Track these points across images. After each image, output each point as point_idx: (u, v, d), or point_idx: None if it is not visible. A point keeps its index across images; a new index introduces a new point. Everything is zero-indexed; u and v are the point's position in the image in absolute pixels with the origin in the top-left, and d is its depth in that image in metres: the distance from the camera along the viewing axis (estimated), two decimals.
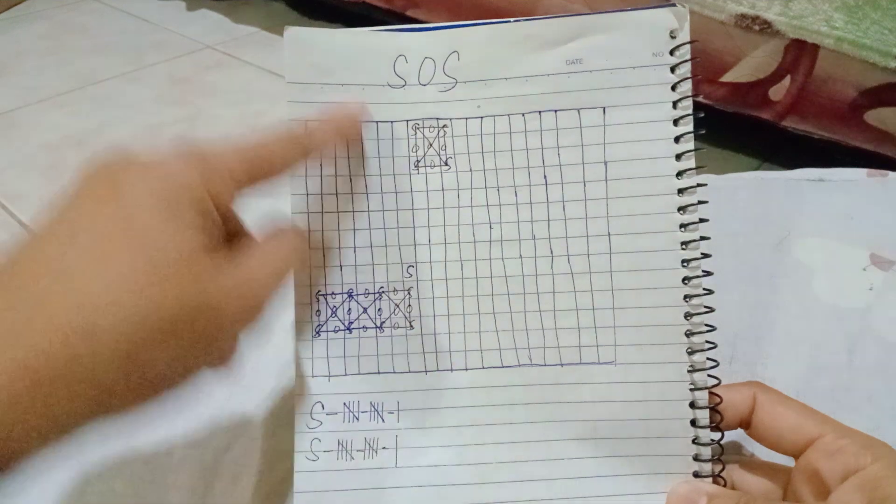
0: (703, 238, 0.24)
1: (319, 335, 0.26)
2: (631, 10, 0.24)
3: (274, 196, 0.24)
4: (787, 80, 0.59)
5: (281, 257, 0.23)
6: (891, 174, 0.38)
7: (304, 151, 0.24)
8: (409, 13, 0.84)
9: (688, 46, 0.24)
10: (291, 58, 0.25)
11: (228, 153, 0.22)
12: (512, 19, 0.25)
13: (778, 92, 0.60)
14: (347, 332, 0.26)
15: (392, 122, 0.26)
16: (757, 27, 0.57)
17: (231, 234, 0.22)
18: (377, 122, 0.26)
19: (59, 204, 0.20)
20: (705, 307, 0.24)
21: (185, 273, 0.19)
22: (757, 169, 0.68)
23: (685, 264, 0.24)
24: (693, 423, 0.24)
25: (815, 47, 0.56)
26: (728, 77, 0.62)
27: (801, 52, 0.57)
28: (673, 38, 0.24)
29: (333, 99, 0.25)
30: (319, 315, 0.26)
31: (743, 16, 0.57)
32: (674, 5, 0.24)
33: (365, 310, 0.26)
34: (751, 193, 0.38)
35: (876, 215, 0.35)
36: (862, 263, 0.33)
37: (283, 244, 0.23)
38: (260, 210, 0.25)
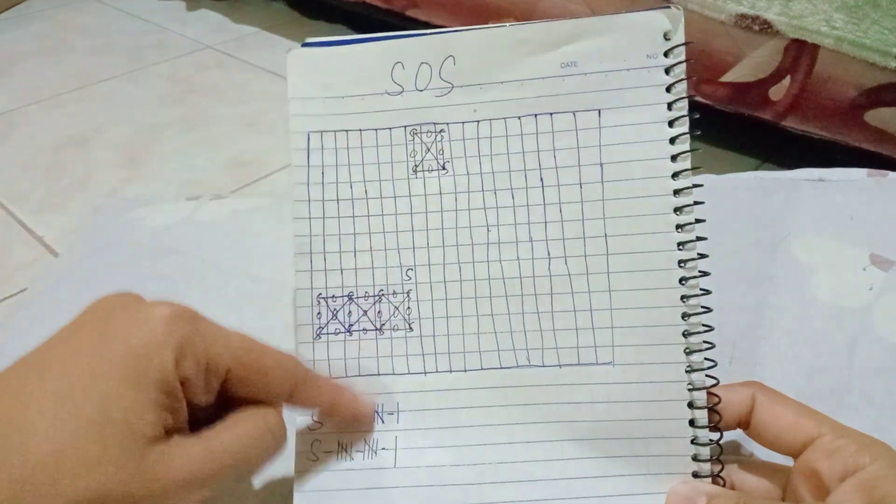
0: (699, 238, 0.24)
1: (320, 337, 0.26)
2: (625, 12, 0.24)
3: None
4: (787, 80, 0.59)
5: (248, 440, 0.21)
6: (891, 174, 0.38)
7: (290, 393, 0.23)
8: (409, 13, 0.84)
9: (682, 48, 0.24)
10: (294, 76, 0.26)
11: (220, 346, 0.21)
12: (507, 24, 0.25)
13: (778, 92, 0.60)
14: (348, 334, 0.26)
15: (390, 128, 0.26)
16: (757, 27, 0.57)
17: (201, 413, 0.21)
18: (376, 129, 0.26)
19: (54, 336, 0.20)
20: (702, 307, 0.24)
21: (134, 459, 0.18)
22: (757, 169, 0.68)
23: (682, 265, 0.24)
24: (692, 423, 0.24)
25: (815, 47, 0.56)
26: (728, 77, 0.62)
27: (801, 52, 0.57)
28: (667, 39, 0.24)
29: (334, 111, 0.26)
30: (320, 317, 0.26)
31: (743, 16, 0.57)
32: (668, 7, 0.24)
33: (365, 312, 0.26)
34: (751, 193, 0.38)
35: (876, 215, 0.35)
36: (862, 263, 0.33)
37: (258, 420, 0.22)
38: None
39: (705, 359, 0.24)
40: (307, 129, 0.26)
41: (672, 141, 0.24)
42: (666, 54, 0.24)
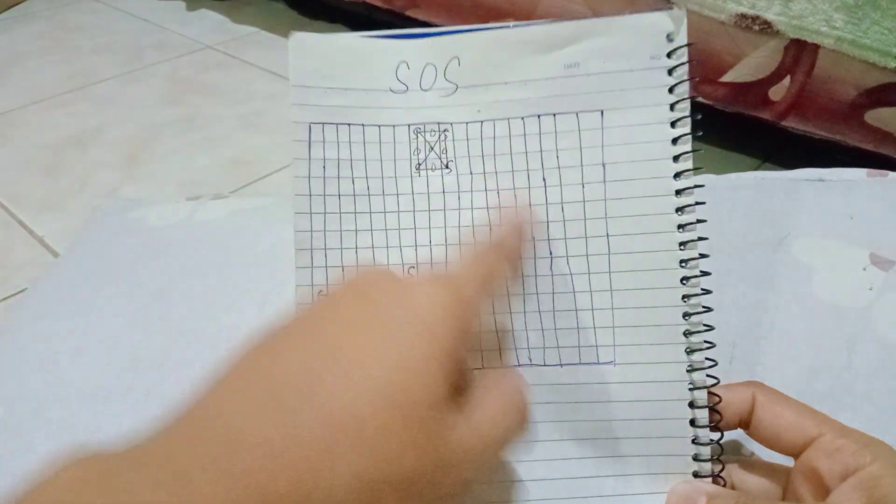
0: (700, 238, 0.24)
1: None
2: (628, 14, 0.24)
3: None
4: (787, 80, 0.59)
5: (511, 419, 0.21)
6: (891, 174, 0.38)
7: (514, 273, 0.24)
8: (409, 13, 0.84)
9: (685, 49, 0.24)
10: (296, 62, 0.26)
11: (472, 287, 0.21)
12: (511, 24, 0.25)
13: (778, 92, 0.60)
14: None
15: (394, 126, 0.26)
16: (757, 27, 0.57)
17: (464, 381, 0.21)
18: (379, 125, 0.26)
19: (318, 302, 0.20)
20: (703, 307, 0.24)
21: (431, 422, 0.18)
22: (757, 169, 0.68)
23: (683, 264, 0.24)
24: (692, 422, 0.24)
25: (815, 47, 0.56)
26: (728, 77, 0.62)
27: (801, 52, 0.57)
28: (670, 41, 0.24)
29: (336, 103, 0.26)
30: None
31: (743, 16, 0.57)
32: (671, 9, 0.24)
33: None
34: (751, 193, 0.38)
35: (876, 215, 0.35)
36: (862, 263, 0.33)
37: (511, 405, 0.21)
38: None
39: (706, 358, 0.24)
40: (308, 119, 0.26)
41: (674, 142, 0.24)
42: (669, 55, 0.24)
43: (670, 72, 0.24)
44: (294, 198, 0.26)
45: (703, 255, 0.24)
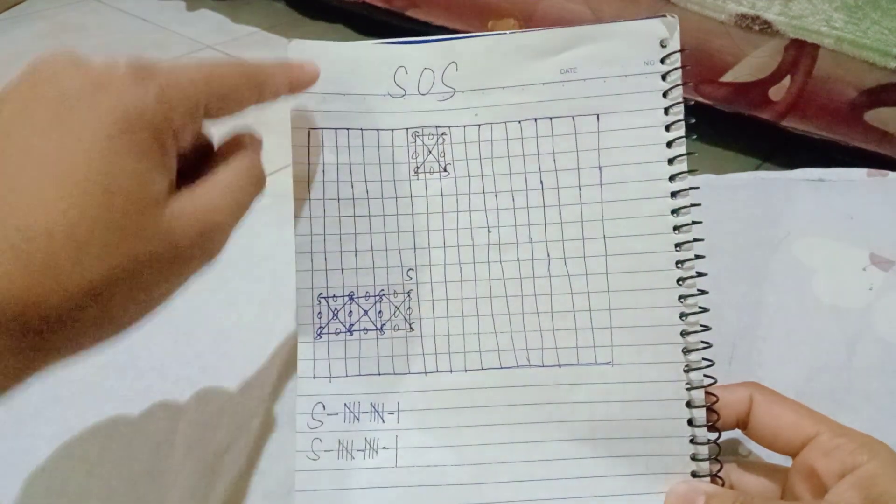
0: (696, 240, 0.24)
1: (321, 337, 0.26)
2: (623, 20, 0.25)
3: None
4: (787, 80, 0.59)
5: (240, 186, 0.21)
6: (891, 174, 0.38)
7: (258, 95, 0.23)
8: (409, 13, 0.84)
9: (678, 55, 0.25)
10: None
11: (188, 81, 0.20)
12: (507, 31, 0.26)
13: (778, 92, 0.61)
14: (348, 333, 0.26)
15: (392, 129, 0.26)
16: (757, 27, 0.57)
17: (188, 158, 0.21)
18: (378, 129, 0.26)
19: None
20: (700, 307, 0.24)
21: (145, 219, 0.18)
22: (757, 169, 0.68)
23: (679, 265, 0.24)
24: (690, 422, 0.24)
25: (815, 47, 0.56)
26: (728, 77, 0.62)
27: (801, 52, 0.57)
28: (664, 47, 0.25)
29: (335, 108, 0.26)
30: (321, 317, 0.26)
31: (743, 16, 0.58)
32: (664, 16, 0.25)
33: (366, 312, 0.26)
34: (751, 193, 0.38)
35: (876, 215, 0.35)
36: (862, 263, 0.33)
37: (242, 169, 0.22)
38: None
39: (703, 358, 0.24)
40: (308, 125, 0.26)
41: (669, 144, 0.25)
42: (662, 61, 0.25)
43: (664, 77, 0.25)
44: (294, 202, 0.26)
45: (699, 256, 0.25)
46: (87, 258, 0.17)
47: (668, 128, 0.25)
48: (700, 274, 0.24)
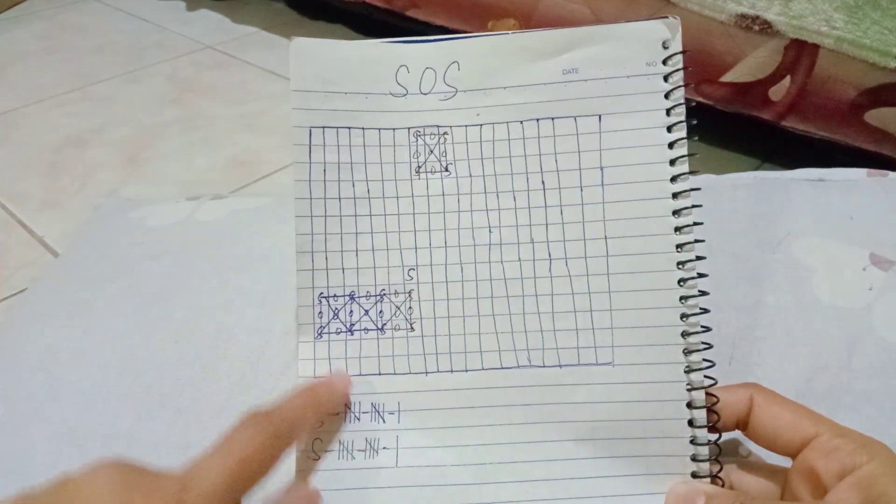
0: (697, 241, 0.24)
1: (321, 336, 0.26)
2: (625, 22, 0.25)
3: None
4: (787, 80, 0.59)
5: None
6: (891, 174, 0.38)
7: (283, 446, 0.23)
8: (410, 13, 0.84)
9: (680, 56, 0.25)
10: (296, 67, 0.26)
11: (218, 484, 0.20)
12: (508, 31, 0.26)
13: (778, 92, 0.60)
14: (349, 333, 0.26)
15: (394, 129, 0.26)
16: (757, 27, 0.57)
17: None
18: (379, 129, 0.26)
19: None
20: (701, 308, 0.24)
21: None
22: (757, 169, 0.68)
23: (680, 266, 0.24)
24: (690, 423, 0.24)
25: (815, 47, 0.56)
26: (728, 77, 0.62)
27: (801, 52, 0.57)
28: (665, 48, 0.25)
29: (336, 106, 0.26)
30: (322, 317, 0.26)
31: (743, 16, 0.58)
32: (666, 17, 0.25)
33: (366, 312, 0.26)
34: (751, 193, 0.38)
35: (876, 215, 0.35)
36: (862, 263, 0.33)
37: None
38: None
39: (704, 359, 0.24)
40: (309, 123, 0.26)
41: (670, 146, 0.25)
42: (664, 62, 0.25)
43: (666, 78, 0.25)
44: (295, 201, 0.26)
45: (699, 258, 0.24)
46: None
47: (669, 129, 0.25)
48: (701, 275, 0.24)
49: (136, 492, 0.19)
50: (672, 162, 0.25)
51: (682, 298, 0.24)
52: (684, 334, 0.24)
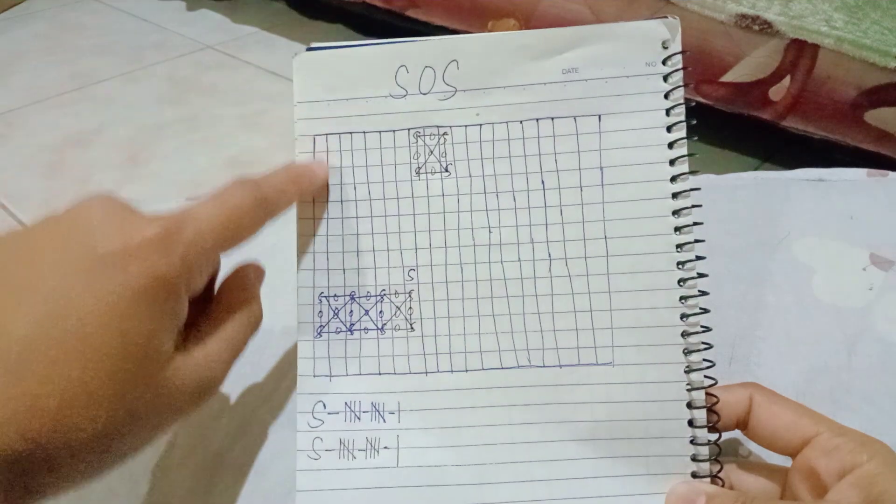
0: (697, 241, 0.24)
1: (321, 336, 0.26)
2: (625, 22, 0.25)
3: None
4: (787, 80, 0.59)
5: (239, 337, 0.23)
6: (891, 174, 0.38)
7: (271, 214, 0.24)
8: (409, 13, 0.84)
9: (679, 56, 0.25)
10: (300, 80, 0.26)
11: (210, 235, 0.21)
12: (510, 32, 0.26)
13: (778, 92, 0.61)
14: (349, 333, 0.26)
15: (394, 131, 0.26)
16: (757, 27, 0.57)
17: (195, 301, 0.22)
18: (380, 131, 0.26)
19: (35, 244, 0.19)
20: (701, 308, 0.24)
21: (151, 374, 0.19)
22: (757, 169, 0.68)
23: (680, 266, 0.24)
24: (690, 423, 0.24)
25: (815, 47, 0.56)
26: (728, 77, 0.62)
27: (801, 52, 0.57)
28: (665, 48, 0.25)
29: (339, 113, 0.26)
30: (322, 316, 0.26)
31: (743, 16, 0.58)
32: (666, 17, 0.25)
33: (366, 312, 0.26)
34: (751, 193, 0.38)
35: (876, 215, 0.35)
36: (862, 263, 0.33)
37: (242, 319, 0.23)
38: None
39: (704, 359, 0.24)
40: (313, 132, 0.26)
41: (670, 146, 0.25)
42: (664, 62, 0.25)
43: (665, 78, 0.25)
44: (297, 204, 0.26)
45: (699, 258, 0.24)
46: (95, 408, 0.18)
47: (669, 129, 0.25)
48: (701, 275, 0.24)
49: (133, 216, 0.20)
50: (672, 162, 0.25)
51: (682, 298, 0.24)
52: (684, 334, 0.24)
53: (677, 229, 0.25)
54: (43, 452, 0.18)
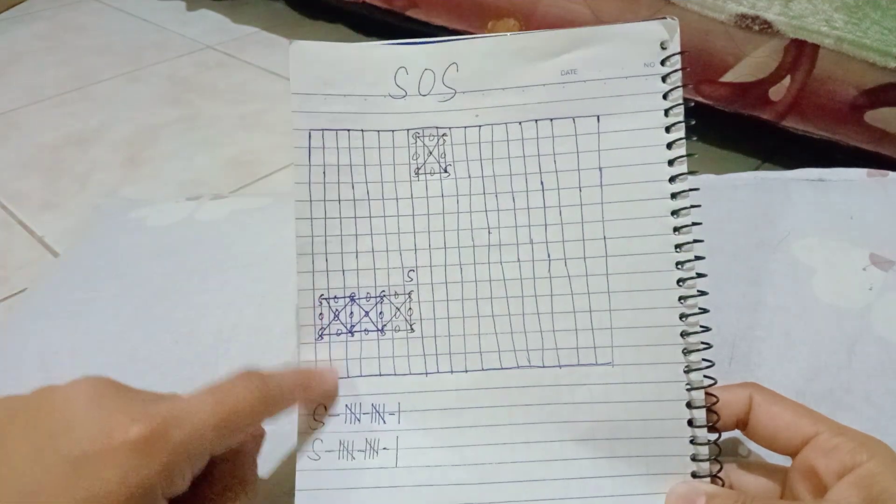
0: (696, 241, 0.25)
1: (322, 338, 0.26)
2: (623, 23, 0.25)
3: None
4: (787, 80, 0.59)
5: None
6: (891, 174, 0.38)
7: (271, 412, 0.23)
8: (409, 13, 0.84)
9: (678, 57, 0.25)
10: (296, 70, 0.26)
11: (198, 437, 0.20)
12: (507, 32, 0.26)
13: (778, 92, 0.61)
14: (349, 334, 0.26)
15: (393, 131, 0.26)
16: (757, 27, 0.57)
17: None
18: (378, 131, 0.26)
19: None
20: (700, 308, 0.24)
21: None
22: (757, 169, 0.68)
23: (679, 266, 0.25)
24: (690, 422, 0.24)
25: (815, 47, 0.56)
26: (728, 77, 0.62)
27: (801, 52, 0.57)
28: (664, 49, 0.25)
29: (336, 109, 0.26)
30: (322, 318, 0.26)
31: (743, 16, 0.58)
32: (665, 18, 0.25)
33: (367, 313, 0.26)
34: (751, 193, 0.38)
35: (876, 215, 0.35)
36: (862, 263, 0.33)
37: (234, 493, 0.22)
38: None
39: (703, 359, 0.24)
40: (309, 126, 0.26)
41: (669, 146, 0.25)
42: (663, 63, 0.25)
43: (664, 78, 0.25)
44: (295, 204, 0.26)
45: (698, 258, 0.25)
46: None
47: (668, 129, 0.25)
48: (700, 275, 0.24)
49: (118, 410, 0.19)
50: (670, 162, 0.25)
51: (682, 298, 0.24)
52: (683, 334, 0.24)
53: (676, 229, 0.25)
54: None
